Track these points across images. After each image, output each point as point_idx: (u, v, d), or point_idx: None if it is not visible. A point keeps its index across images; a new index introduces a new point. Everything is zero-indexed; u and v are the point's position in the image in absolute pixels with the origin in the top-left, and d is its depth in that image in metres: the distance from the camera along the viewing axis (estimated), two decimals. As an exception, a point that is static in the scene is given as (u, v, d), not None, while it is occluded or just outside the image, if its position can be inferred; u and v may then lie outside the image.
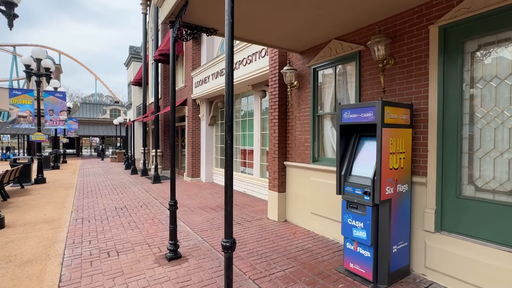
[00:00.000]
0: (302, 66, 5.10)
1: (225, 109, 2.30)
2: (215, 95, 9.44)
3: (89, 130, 28.89)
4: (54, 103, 11.02)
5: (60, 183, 10.48)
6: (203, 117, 10.40)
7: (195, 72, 10.07)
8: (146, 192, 8.47)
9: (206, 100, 10.31)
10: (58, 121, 11.06)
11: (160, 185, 9.73)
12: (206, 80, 9.27)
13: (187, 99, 10.92)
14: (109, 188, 9.30)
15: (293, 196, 5.30)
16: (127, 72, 23.97)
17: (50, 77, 10.63)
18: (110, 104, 33.81)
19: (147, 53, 15.78)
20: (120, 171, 14.33)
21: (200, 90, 9.79)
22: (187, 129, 10.83)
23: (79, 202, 7.15)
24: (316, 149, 4.86)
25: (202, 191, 8.57)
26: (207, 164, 10.33)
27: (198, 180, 10.61)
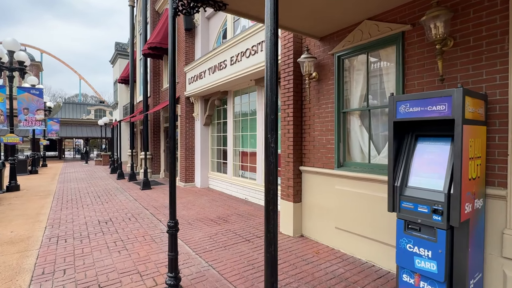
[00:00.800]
0: (322, 54, 4.34)
1: (266, 96, 1.50)
2: (212, 91, 8.59)
3: (72, 131, 27.33)
4: (30, 101, 9.88)
5: (36, 190, 9.36)
6: (197, 116, 9.51)
7: (189, 67, 9.18)
8: (134, 201, 7.52)
9: (201, 98, 9.43)
10: (34, 121, 9.91)
11: (151, 192, 8.78)
12: (202, 75, 8.41)
13: (179, 97, 10.01)
14: (92, 196, 8.28)
15: (311, 207, 4.53)
16: (113, 69, 22.73)
17: (24, 72, 9.50)
18: (95, 104, 32.24)
19: (135, 49, 14.74)
20: (105, 176, 13.22)
21: (194, 86, 8.92)
22: (180, 130, 9.92)
23: (56, 215, 6.15)
24: (341, 152, 4.10)
25: (199, 199, 7.69)
26: (202, 168, 9.45)
27: (192, 185, 9.70)
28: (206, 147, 9.55)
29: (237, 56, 6.57)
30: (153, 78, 12.02)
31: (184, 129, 9.64)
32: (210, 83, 7.98)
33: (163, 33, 9.95)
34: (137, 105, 14.71)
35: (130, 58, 13.76)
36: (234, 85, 7.75)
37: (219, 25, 8.92)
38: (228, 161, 8.42)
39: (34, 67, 27.44)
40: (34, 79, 14.57)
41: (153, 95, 12.02)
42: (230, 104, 8.34)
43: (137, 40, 14.63)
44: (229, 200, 7.47)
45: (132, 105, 14.13)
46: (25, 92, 9.79)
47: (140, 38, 14.30)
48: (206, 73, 8.14)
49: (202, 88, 8.41)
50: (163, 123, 11.84)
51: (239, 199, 7.62)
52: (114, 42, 20.98)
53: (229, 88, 8.06)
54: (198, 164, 9.51)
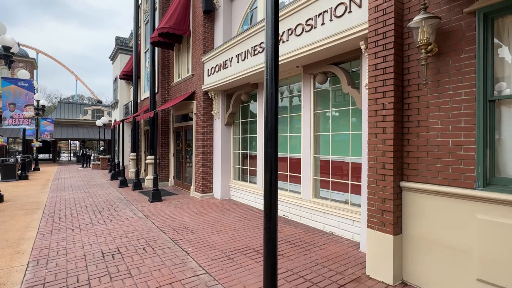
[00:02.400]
0: (448, 14, 2.90)
1: None
2: (239, 84, 7.11)
3: (68, 132, 25.65)
4: (17, 95, 8.32)
5: (23, 202, 7.78)
6: (217, 114, 8.03)
7: (208, 56, 7.71)
8: (145, 218, 5.99)
9: (222, 93, 7.95)
10: (22, 119, 8.35)
11: (163, 205, 7.26)
12: (227, 64, 6.94)
13: (195, 92, 8.53)
14: (91, 210, 6.74)
15: (424, 243, 3.06)
16: (113, 66, 21.20)
17: (11, 60, 7.96)
18: (92, 104, 30.58)
19: (139, 41, 13.27)
20: (105, 183, 11.64)
21: (215, 78, 7.44)
22: (196, 130, 8.42)
23: (44, 241, 4.61)
24: (488, 163, 2.64)
25: (225, 216, 6.19)
26: (223, 175, 7.94)
27: (210, 196, 8.19)
28: (227, 151, 8.06)
29: (283, 35, 5.12)
30: (162, 72, 10.52)
31: (200, 130, 8.15)
32: (237, 73, 6.52)
33: (177, 16, 8.49)
34: (141, 103, 13.19)
35: (134, 50, 12.30)
36: (269, 75, 6.29)
37: (245, 6, 7.48)
38: (258, 169, 6.94)
39: (28, 64, 25.80)
40: (26, 73, 13.00)
41: (161, 91, 10.52)
42: (261, 99, 6.88)
43: (142, 30, 13.15)
44: (263, 217, 5.98)
45: (135, 103, 12.66)
46: (11, 84, 8.23)
47: (146, 28, 12.83)
48: (234, 61, 6.67)
49: (226, 80, 6.94)
50: (173, 123, 10.34)
51: (275, 216, 6.13)
52: (115, 37, 19.50)
53: (262, 79, 6.60)
54: (218, 171, 8.01)
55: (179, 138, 9.98)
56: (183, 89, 9.39)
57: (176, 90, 9.96)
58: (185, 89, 9.23)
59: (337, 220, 4.90)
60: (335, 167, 5.17)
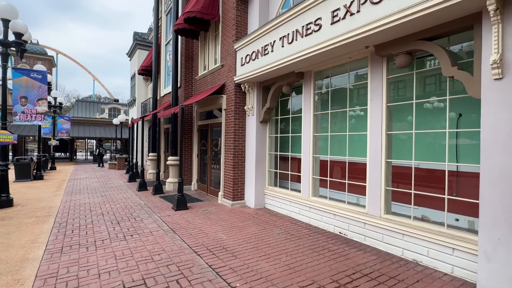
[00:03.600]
0: None
1: None
2: (281, 73, 6.02)
3: (84, 131, 25.30)
4: (29, 88, 7.52)
5: (34, 207, 6.96)
6: (251, 110, 6.97)
7: (242, 42, 6.66)
8: (173, 233, 4.98)
9: (258, 85, 6.89)
10: (34, 115, 7.55)
11: (189, 215, 6.24)
12: (266, 50, 5.86)
13: (225, 85, 7.50)
14: (109, 220, 5.80)
15: None
16: (130, 63, 20.57)
17: (23, 49, 7.17)
18: (109, 103, 30.29)
19: (159, 32, 12.40)
20: (123, 185, 10.80)
21: (250, 68, 6.39)
22: (225, 129, 7.39)
23: (52, 265, 3.65)
24: None
25: (266, 231, 5.10)
26: (257, 181, 6.87)
27: (241, 204, 7.13)
28: (262, 153, 6.97)
29: (350, 6, 3.99)
30: (185, 64, 9.56)
31: (231, 128, 7.11)
32: (280, 60, 5.43)
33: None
34: (160, 99, 12.32)
35: (154, 42, 11.44)
36: (323, 61, 5.18)
37: (287, -17, 6.39)
38: (304, 174, 5.82)
39: (47, 62, 25.63)
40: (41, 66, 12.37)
41: (184, 85, 9.56)
42: (309, 91, 5.77)
43: (163, 22, 12.28)
44: (315, 235, 4.86)
45: (155, 100, 11.79)
46: (22, 76, 7.44)
47: (167, 19, 11.96)
48: (276, 45, 5.58)
49: (265, 69, 5.87)
50: (197, 120, 9.35)
51: (329, 233, 5.00)
52: (133, 32, 18.81)
53: (312, 66, 5.49)
54: (251, 175, 6.95)
55: (204, 137, 8.99)
56: (209, 83, 8.39)
57: (202, 84, 8.97)
58: (212, 82, 8.22)
59: (425, 245, 3.72)
60: (422, 176, 3.99)
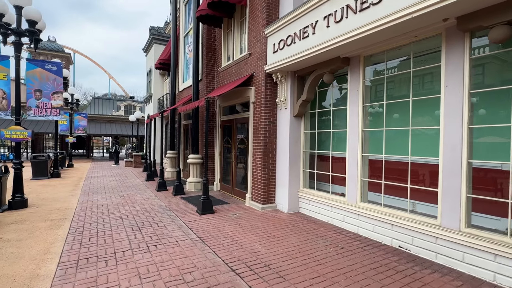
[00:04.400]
0: None
1: None
2: (324, 58, 5.22)
3: (101, 128, 25.22)
4: (43, 80, 7.02)
5: (49, 208, 6.47)
6: (284, 102, 6.22)
7: (275, 26, 5.90)
8: (202, 243, 4.31)
9: (292, 74, 6.12)
10: (49, 109, 7.05)
11: (217, 220, 5.57)
12: (306, 32, 5.08)
13: (253, 75, 6.77)
14: (129, 225, 5.20)
15: None
16: (146, 58, 20.17)
17: (37, 39, 6.67)
18: (125, 100, 30.17)
19: (178, 24, 11.79)
20: (141, 184, 10.29)
21: (285, 55, 5.63)
22: (254, 124, 6.67)
23: (66, 285, 3.04)
24: None
25: (310, 242, 4.35)
26: (291, 182, 6.13)
27: (272, 207, 6.41)
28: (296, 151, 6.22)
29: (430, -35, 3.16)
30: (207, 55, 8.89)
31: (261, 123, 6.38)
32: (324, 44, 4.65)
33: (232, -20, 6.75)
34: (179, 94, 11.73)
35: (172, 33, 10.84)
36: (379, 42, 4.36)
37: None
38: (350, 176, 5.03)
39: (64, 59, 25.66)
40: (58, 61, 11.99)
41: (206, 78, 8.89)
42: (356, 80, 4.95)
43: (181, 13, 11.66)
44: (370, 249, 4.08)
45: (173, 95, 11.21)
46: (36, 67, 6.95)
47: (186, 9, 11.32)
48: (319, 26, 4.79)
49: (303, 55, 5.10)
50: (219, 116, 8.68)
51: (386, 247, 4.20)
52: (149, 27, 18.36)
53: (362, 49, 4.67)
54: (284, 176, 6.21)
55: (227, 134, 8.30)
56: (234, 74, 7.68)
57: (225, 76, 8.27)
58: (237, 73, 7.51)
59: (531, 271, 2.88)
60: (519, 181, 3.14)
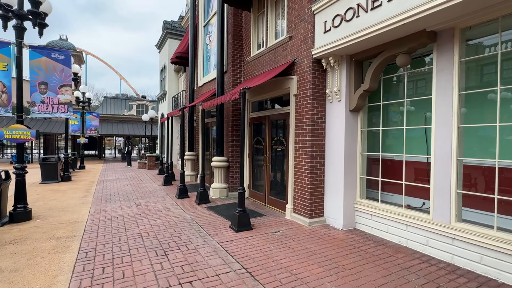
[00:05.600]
0: None
1: None
2: (403, 34, 4.02)
3: (113, 128, 24.54)
4: (49, 72, 6.06)
5: (55, 220, 5.51)
6: (337, 94, 5.07)
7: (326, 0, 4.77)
8: (251, 279, 3.21)
9: (348, 59, 4.97)
10: (56, 105, 6.08)
11: (260, 241, 4.47)
12: (377, 1, 3.92)
13: (294, 63, 5.65)
14: (151, 248, 4.16)
15: None
16: (160, 55, 19.29)
17: (41, 23, 5.72)
18: (137, 99, 29.53)
19: (197, 13, 10.78)
20: (158, 189, 9.30)
21: (342, 34, 4.49)
22: (297, 120, 5.54)
23: None
24: None
25: (396, 278, 3.20)
26: (346, 191, 4.98)
27: (321, 222, 5.27)
28: (352, 153, 5.06)
29: None
30: (233, 44, 7.81)
31: (307, 118, 5.25)
32: (406, 13, 3.49)
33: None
34: (198, 90, 10.71)
35: (190, 23, 9.83)
36: (487, 7, 3.17)
37: None
38: (437, 187, 3.85)
39: (75, 58, 25.11)
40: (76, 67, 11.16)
41: (232, 70, 7.82)
42: (448, 60, 3.77)
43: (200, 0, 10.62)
44: (490, 294, 2.91)
45: (192, 91, 10.22)
46: (42, 56, 5.99)
47: (205, -4, 10.27)
48: (400, -11, 3.63)
49: (372, 31, 3.96)
50: (249, 112, 7.58)
51: (470, 272, 3.02)
52: (162, 21, 17.46)
53: (459, 19, 3.48)
54: (337, 184, 5.06)
55: (259, 133, 7.20)
56: (268, 63, 6.58)
57: (255, 66, 7.17)
58: (272, 62, 6.40)
59: None
60: None
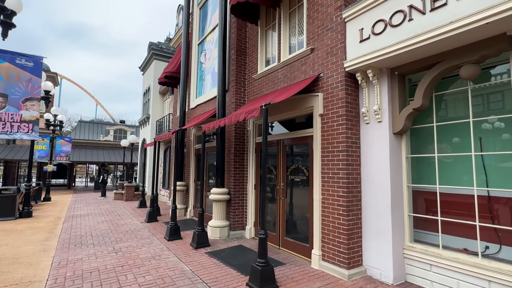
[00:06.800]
0: None
1: None
2: (475, 39, 3.29)
3: (86, 154, 22.47)
4: (12, 81, 4.73)
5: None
6: (377, 113, 4.22)
7: (369, 2, 4.07)
8: None
9: (389, 73, 4.20)
10: (17, 123, 4.71)
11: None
12: (436, 2, 3.22)
13: (319, 77, 4.82)
14: (144, 327, 2.83)
15: None
16: (144, 77, 18.24)
17: (7, 22, 4.56)
18: (115, 124, 27.72)
19: (190, 28, 10.05)
20: (141, 227, 7.79)
21: (388, 41, 3.75)
22: (323, 144, 4.59)
23: None
24: None
25: None
26: (394, 231, 3.97)
27: (362, 273, 4.15)
28: (397, 185, 4.13)
29: None
30: (236, 60, 6.98)
31: (338, 143, 4.32)
32: (483, 13, 2.79)
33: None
34: (190, 112, 9.65)
35: (183, 39, 9.07)
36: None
37: None
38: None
39: (49, 79, 23.37)
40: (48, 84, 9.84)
41: (235, 88, 6.89)
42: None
43: (195, 17, 9.91)
44: None
45: (182, 113, 9.19)
46: (3, 62, 4.70)
47: (201, 12, 9.59)
48: (476, -17, 2.94)
49: (432, 36, 3.23)
50: (253, 136, 6.58)
51: None
52: (148, 43, 16.64)
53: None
54: (381, 223, 4.05)
55: (272, 160, 6.14)
56: (281, 80, 5.74)
57: (265, 84, 6.31)
58: (287, 78, 5.56)
59: None
60: None
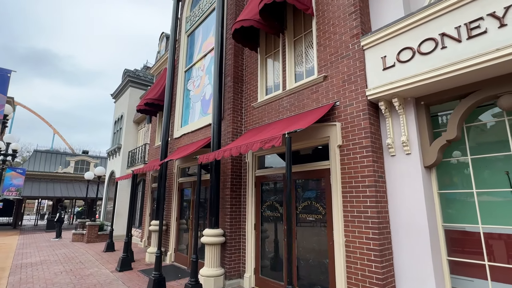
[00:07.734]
0: None
1: None
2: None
3: (40, 188, 19.88)
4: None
5: None
6: (405, 145, 3.88)
7: (392, 30, 3.90)
8: None
9: (414, 102, 3.95)
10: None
11: None
12: (477, 28, 3.09)
13: (335, 106, 4.47)
14: None
15: None
16: (116, 105, 17.11)
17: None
18: (77, 154, 25.25)
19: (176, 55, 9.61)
20: (113, 279, 6.44)
21: (414, 71, 3.54)
22: (344, 179, 4.10)
23: None
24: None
25: None
26: (437, 278, 3.43)
27: (401, 334, 3.50)
28: (433, 224, 3.69)
29: None
30: (233, 88, 6.52)
31: (364, 177, 3.87)
32: None
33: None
34: (174, 142, 8.83)
35: (169, 65, 8.59)
36: None
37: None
38: None
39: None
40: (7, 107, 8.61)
41: (232, 116, 6.34)
42: None
43: (182, 44, 9.51)
44: None
45: (165, 143, 8.40)
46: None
47: (189, 40, 9.25)
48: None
49: (471, 65, 3.05)
50: (253, 169, 5.94)
51: None
52: (124, 70, 15.85)
53: None
54: (423, 269, 3.52)
55: (272, 196, 5.48)
56: (288, 108, 5.33)
57: (265, 113, 5.85)
58: (295, 107, 5.17)
59: None
60: None
